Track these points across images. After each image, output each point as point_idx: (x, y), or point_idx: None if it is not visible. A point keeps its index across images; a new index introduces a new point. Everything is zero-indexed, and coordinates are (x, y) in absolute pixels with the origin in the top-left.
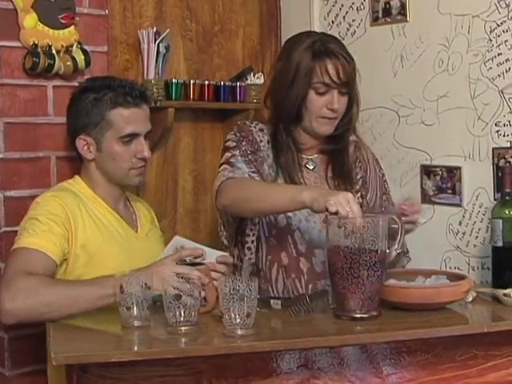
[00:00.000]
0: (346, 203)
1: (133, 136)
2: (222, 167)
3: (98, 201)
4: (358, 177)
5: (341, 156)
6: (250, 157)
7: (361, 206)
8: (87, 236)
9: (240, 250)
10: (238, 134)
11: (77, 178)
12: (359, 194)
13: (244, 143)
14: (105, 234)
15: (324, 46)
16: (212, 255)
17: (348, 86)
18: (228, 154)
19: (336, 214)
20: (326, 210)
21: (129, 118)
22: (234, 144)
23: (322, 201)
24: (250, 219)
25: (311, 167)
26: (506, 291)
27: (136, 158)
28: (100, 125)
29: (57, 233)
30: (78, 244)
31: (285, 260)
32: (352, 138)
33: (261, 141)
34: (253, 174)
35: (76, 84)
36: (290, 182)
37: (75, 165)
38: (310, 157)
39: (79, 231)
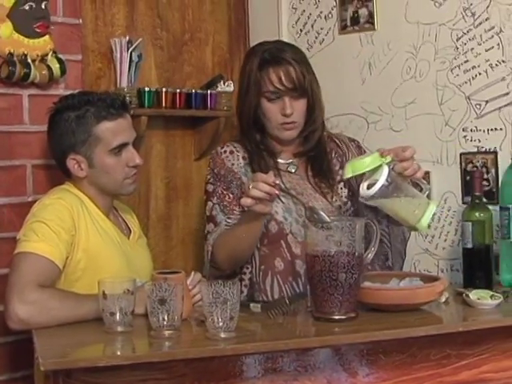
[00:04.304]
0: (256, 191)
1: (122, 146)
2: (207, 226)
3: (94, 206)
4: (337, 168)
5: (318, 156)
6: (226, 198)
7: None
8: (89, 240)
9: None
10: (211, 173)
11: (70, 184)
12: (342, 185)
13: (219, 183)
14: (105, 238)
15: (270, 55)
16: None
17: (299, 89)
18: (209, 205)
19: (259, 198)
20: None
21: (116, 130)
22: (212, 188)
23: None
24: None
25: (293, 170)
26: (466, 292)
27: (128, 166)
28: (88, 141)
29: (64, 240)
30: (80, 248)
31: (279, 266)
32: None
33: (233, 164)
34: (228, 221)
35: (52, 93)
36: None
37: (51, 172)
38: (289, 160)
39: (82, 235)
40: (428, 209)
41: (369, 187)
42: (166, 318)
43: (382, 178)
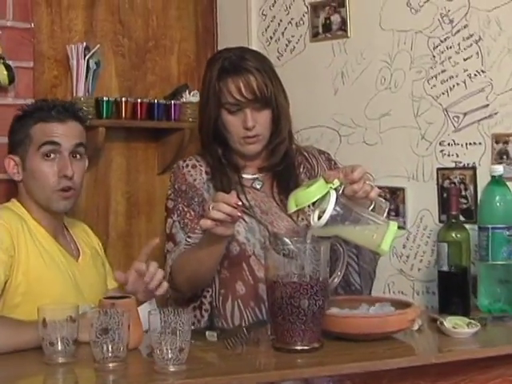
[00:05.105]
0: (217, 212)
1: (53, 147)
2: (166, 245)
3: (38, 225)
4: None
5: (285, 171)
6: (187, 215)
7: None
8: (29, 262)
9: (197, 313)
10: (172, 189)
11: (14, 201)
12: None
13: (180, 199)
14: (47, 261)
15: (230, 64)
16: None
17: (261, 100)
18: (169, 222)
19: (220, 220)
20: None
21: (48, 131)
22: (172, 204)
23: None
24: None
25: (258, 186)
26: (441, 319)
27: (58, 177)
28: (24, 142)
29: (2, 261)
30: (20, 271)
31: (241, 290)
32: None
33: (195, 180)
34: (189, 240)
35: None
36: None
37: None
38: (254, 176)
39: (22, 257)
40: (388, 231)
41: (320, 217)
42: (110, 349)
43: (329, 207)
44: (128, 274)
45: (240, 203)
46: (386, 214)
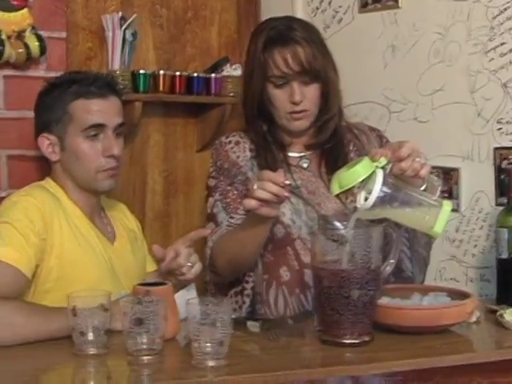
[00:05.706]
0: (262, 192)
1: (98, 128)
2: (207, 226)
3: (73, 206)
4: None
5: (334, 149)
6: (229, 194)
7: None
8: (64, 245)
9: (238, 299)
10: (214, 166)
11: (48, 179)
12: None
13: (222, 178)
14: (82, 244)
15: (277, 34)
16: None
17: (309, 73)
18: (211, 201)
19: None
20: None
21: (91, 109)
22: (214, 182)
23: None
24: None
25: (305, 165)
26: (501, 311)
27: (104, 156)
28: (62, 120)
29: (32, 244)
30: (53, 254)
31: (285, 275)
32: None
33: (238, 157)
34: (231, 221)
35: (31, 74)
36: None
37: (29, 164)
38: (301, 154)
39: (56, 239)
40: (441, 212)
41: (366, 199)
42: (144, 341)
43: (376, 187)
44: (167, 251)
45: (288, 182)
46: (438, 193)
